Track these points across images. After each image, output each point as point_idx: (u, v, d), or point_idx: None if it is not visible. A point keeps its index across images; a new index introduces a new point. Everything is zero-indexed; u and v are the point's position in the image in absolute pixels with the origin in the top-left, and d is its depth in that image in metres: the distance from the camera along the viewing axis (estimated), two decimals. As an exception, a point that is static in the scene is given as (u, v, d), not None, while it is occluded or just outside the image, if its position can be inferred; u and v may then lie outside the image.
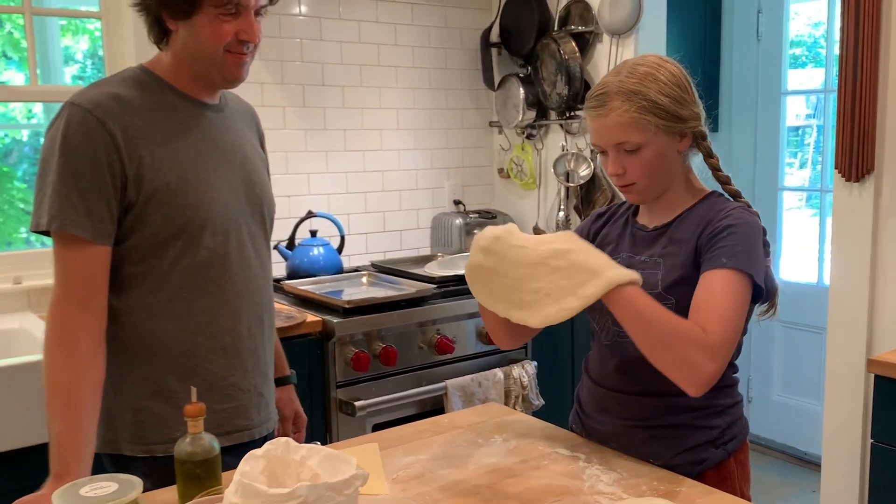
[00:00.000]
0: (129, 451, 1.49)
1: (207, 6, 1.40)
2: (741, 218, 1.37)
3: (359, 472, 0.86)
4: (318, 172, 3.12)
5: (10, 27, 4.62)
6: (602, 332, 1.52)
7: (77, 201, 1.36)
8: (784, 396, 3.83)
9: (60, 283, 1.40)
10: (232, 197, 1.52)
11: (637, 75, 1.38)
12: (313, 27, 3.05)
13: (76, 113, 1.38)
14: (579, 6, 3.12)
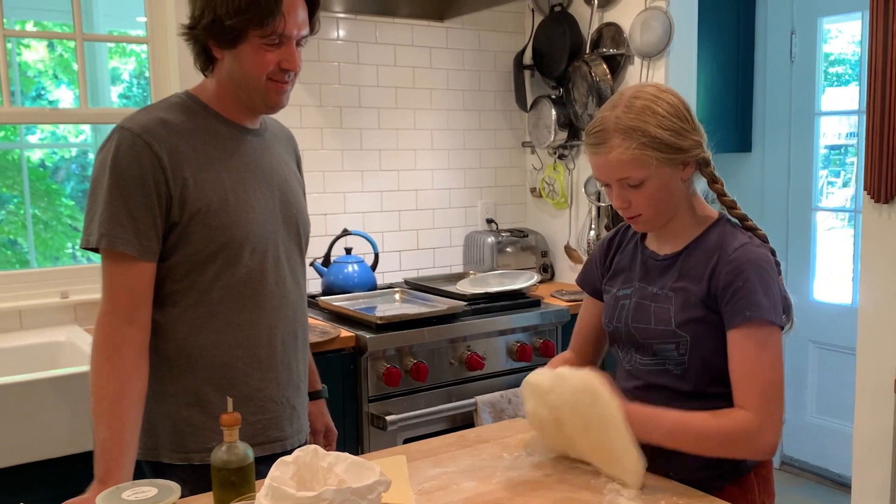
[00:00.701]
0: (168, 459, 1.56)
1: (252, 36, 1.47)
2: (750, 259, 1.39)
3: (382, 479, 0.92)
4: (353, 191, 3.20)
5: (60, 49, 4.81)
6: (624, 359, 1.57)
7: (125, 220, 1.44)
8: (818, 418, 3.81)
9: (108, 298, 1.48)
10: (270, 217, 1.59)
11: (635, 110, 1.39)
12: (351, 51, 3.14)
13: (126, 137, 1.46)
14: (611, 29, 3.17)
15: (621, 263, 1.60)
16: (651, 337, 1.48)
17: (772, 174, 3.89)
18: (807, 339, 3.80)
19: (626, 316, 1.53)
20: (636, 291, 1.53)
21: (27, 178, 4.66)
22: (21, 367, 2.26)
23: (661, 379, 1.49)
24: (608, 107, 1.43)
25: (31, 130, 4.53)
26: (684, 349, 1.44)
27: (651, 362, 1.50)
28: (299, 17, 1.51)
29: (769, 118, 3.88)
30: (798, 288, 3.83)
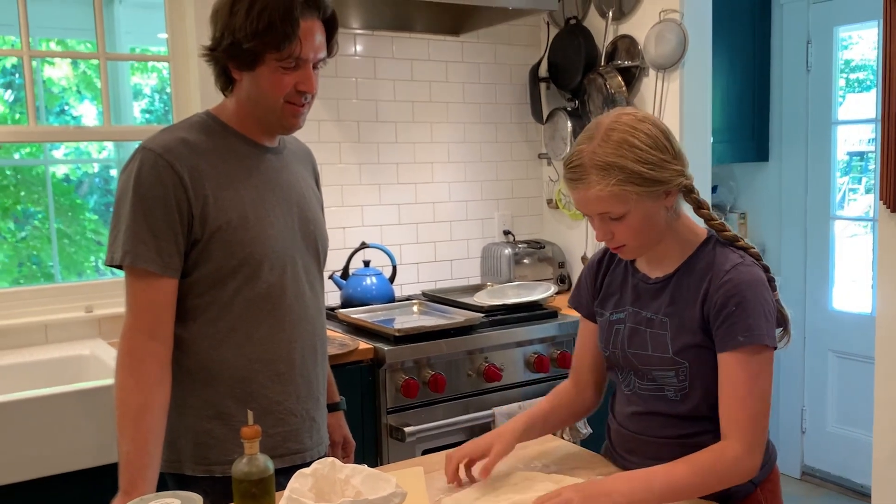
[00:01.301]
0: (190, 471, 1.60)
1: (269, 59, 1.51)
2: (742, 281, 1.39)
3: (398, 491, 0.94)
4: (371, 205, 3.23)
5: (83, 66, 4.89)
6: (623, 383, 1.57)
7: (148, 238, 1.48)
8: (839, 427, 3.79)
9: (131, 313, 1.52)
10: (288, 233, 1.63)
11: (612, 143, 1.36)
12: (368, 67, 3.18)
13: (148, 157, 1.51)
14: (626, 41, 3.19)
15: (612, 285, 1.59)
16: (649, 364, 1.48)
17: (789, 183, 3.89)
18: (827, 349, 3.79)
19: (623, 341, 1.53)
20: (630, 316, 1.52)
21: (52, 194, 4.75)
22: (47, 380, 2.31)
23: (660, 405, 1.50)
24: (584, 138, 1.40)
25: (56, 146, 4.61)
26: (684, 375, 1.45)
27: (650, 387, 1.51)
28: (316, 40, 1.55)
29: (786, 127, 3.88)
30: (817, 297, 3.82)
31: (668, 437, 1.48)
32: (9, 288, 2.80)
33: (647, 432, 1.52)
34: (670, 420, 1.48)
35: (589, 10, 3.34)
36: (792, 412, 3.95)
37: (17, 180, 4.87)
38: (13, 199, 4.84)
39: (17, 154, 4.63)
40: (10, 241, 4.81)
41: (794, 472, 3.94)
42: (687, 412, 1.46)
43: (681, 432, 1.46)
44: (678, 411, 1.47)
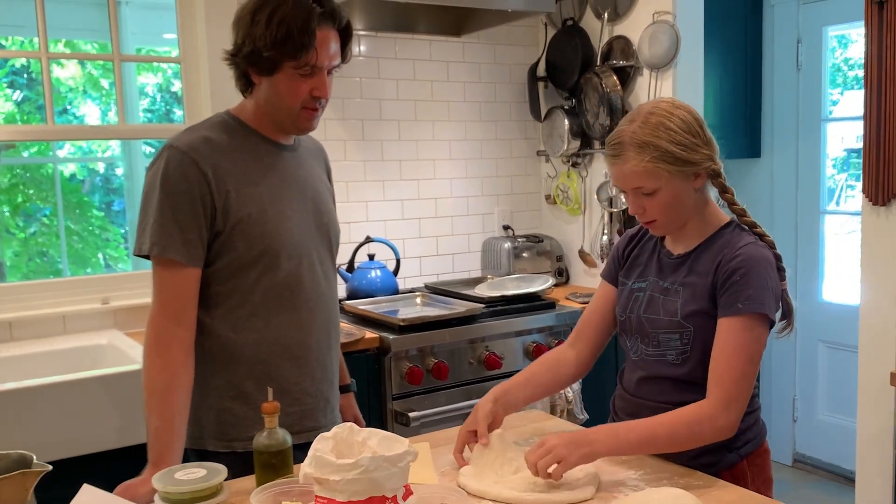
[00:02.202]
0: (212, 447, 1.71)
1: (287, 67, 1.62)
2: (751, 256, 1.52)
3: (410, 450, 1.06)
4: (375, 200, 3.34)
5: (90, 67, 4.99)
6: (631, 350, 1.70)
7: (174, 230, 1.59)
8: (829, 416, 3.90)
9: (158, 301, 1.63)
10: (304, 226, 1.74)
11: (650, 125, 1.51)
12: (372, 67, 3.29)
13: (175, 154, 1.62)
14: (620, 42, 3.30)
15: (639, 258, 1.73)
16: (658, 327, 1.61)
17: (781, 179, 4.01)
18: (816, 339, 3.91)
19: (639, 307, 1.66)
20: (650, 285, 1.66)
21: (60, 191, 4.85)
22: (67, 367, 2.41)
23: (662, 369, 1.62)
24: (626, 121, 1.56)
25: (61, 145, 4.72)
26: (687, 339, 1.57)
27: (654, 352, 1.63)
28: (331, 49, 1.65)
29: (777, 124, 4.00)
30: (807, 290, 3.93)
31: (667, 402, 1.59)
32: (26, 281, 2.91)
33: (649, 397, 1.64)
34: (672, 385, 1.60)
35: (585, 11, 3.45)
36: (783, 401, 4.06)
37: (26, 178, 4.98)
38: (23, 196, 4.95)
39: (25, 153, 4.74)
40: (20, 238, 4.92)
41: (785, 459, 4.06)
42: (685, 376, 1.59)
43: (680, 399, 1.56)
44: (677, 374, 1.59)
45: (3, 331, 2.61)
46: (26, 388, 2.09)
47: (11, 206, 4.82)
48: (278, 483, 1.38)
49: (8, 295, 2.68)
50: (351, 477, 1.02)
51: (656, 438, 1.50)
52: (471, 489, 1.46)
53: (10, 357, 2.48)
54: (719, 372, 1.50)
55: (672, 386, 1.61)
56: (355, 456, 1.04)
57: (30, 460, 1.10)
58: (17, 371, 2.40)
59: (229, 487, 1.46)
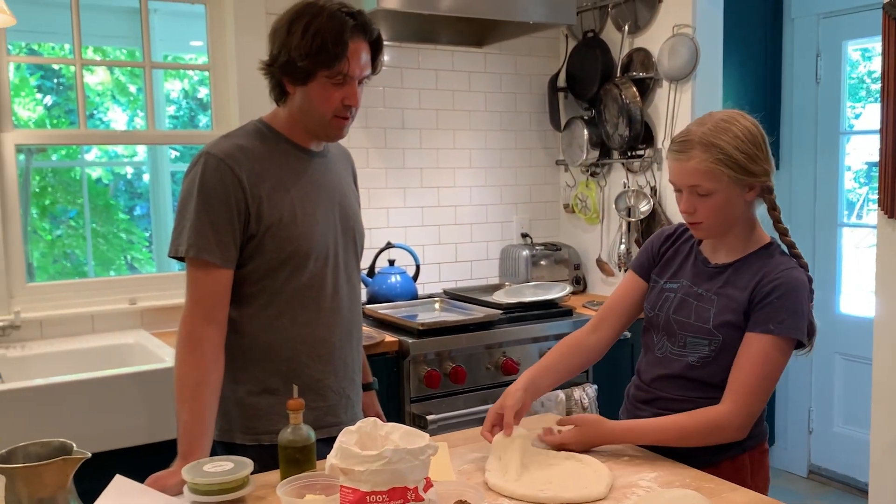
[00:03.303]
0: (240, 440, 1.77)
1: (320, 77, 1.68)
2: (791, 281, 1.58)
3: (431, 444, 1.11)
4: (396, 207, 3.41)
5: (118, 73, 5.10)
6: (657, 346, 1.75)
7: (210, 233, 1.66)
8: (844, 428, 3.91)
9: (192, 300, 1.69)
10: (331, 229, 1.81)
11: (720, 129, 1.57)
12: (395, 76, 3.35)
13: (211, 161, 1.69)
14: (640, 54, 3.35)
15: (674, 258, 1.78)
16: (687, 330, 1.67)
17: (799, 191, 4.03)
18: (833, 352, 3.92)
19: (669, 307, 1.71)
20: (682, 288, 1.71)
21: (87, 195, 4.96)
22: (96, 365, 2.49)
23: (683, 368, 1.68)
24: (697, 123, 1.63)
25: (88, 149, 4.82)
26: (714, 346, 1.63)
27: (679, 351, 1.69)
28: (362, 59, 1.72)
29: (796, 137, 4.02)
30: (824, 302, 3.95)
31: (681, 396, 1.67)
32: (55, 281, 2.99)
33: (664, 389, 1.71)
34: (688, 382, 1.67)
35: (606, 23, 3.50)
36: (799, 412, 4.07)
37: (55, 182, 5.09)
38: (51, 199, 5.06)
39: (54, 156, 4.84)
40: (47, 240, 5.03)
41: (801, 470, 4.07)
42: (702, 377, 1.65)
43: (693, 394, 1.66)
44: (695, 375, 1.66)
45: (34, 329, 2.69)
46: (59, 384, 2.15)
47: (39, 209, 4.93)
48: (303, 476, 1.43)
49: (38, 294, 2.76)
50: (375, 468, 1.07)
51: (668, 439, 1.61)
52: (490, 484, 1.52)
53: (41, 354, 2.56)
54: (741, 382, 1.57)
55: (688, 383, 1.67)
56: (379, 449, 1.09)
57: (70, 448, 1.16)
58: (48, 367, 2.48)
59: (255, 480, 1.51)
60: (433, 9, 2.79)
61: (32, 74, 4.81)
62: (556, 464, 1.61)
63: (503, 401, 1.69)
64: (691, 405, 1.63)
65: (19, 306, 2.68)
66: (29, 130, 3.15)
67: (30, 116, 4.89)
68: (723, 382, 1.62)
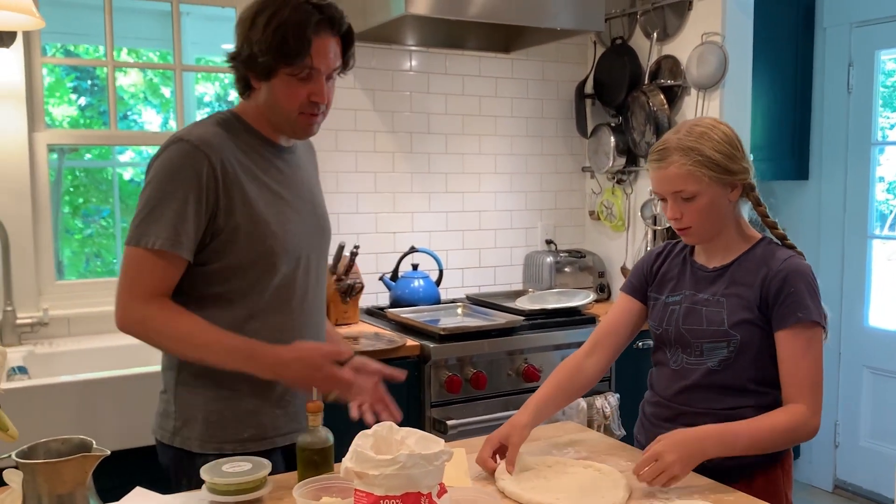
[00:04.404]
0: (198, 449, 1.67)
1: (282, 72, 1.60)
2: (797, 268, 1.61)
3: (445, 449, 1.11)
4: (421, 211, 3.41)
5: (151, 74, 5.17)
6: (672, 360, 1.74)
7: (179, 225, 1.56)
8: (872, 443, 3.85)
9: (138, 285, 1.57)
10: (302, 229, 1.74)
11: (694, 134, 1.62)
12: (422, 81, 3.37)
13: (184, 146, 1.59)
14: (669, 61, 3.33)
15: (669, 273, 1.78)
16: (702, 337, 1.67)
17: (828, 202, 3.98)
18: (861, 365, 3.86)
19: (677, 319, 1.71)
20: (686, 298, 1.71)
21: (118, 194, 5.03)
22: (121, 363, 2.51)
23: (704, 377, 1.66)
24: (672, 131, 1.67)
25: (121, 150, 4.89)
26: (734, 347, 1.63)
27: (696, 361, 1.68)
28: (330, 54, 1.63)
29: (826, 147, 3.97)
30: (853, 314, 3.90)
31: (715, 409, 1.64)
32: (84, 279, 3.03)
33: (690, 404, 1.68)
34: (717, 392, 1.65)
35: (635, 30, 3.49)
36: (825, 426, 3.99)
37: (87, 181, 5.17)
38: (83, 198, 5.14)
39: (87, 155, 4.92)
40: (77, 238, 5.10)
41: (826, 485, 4.01)
42: (728, 383, 1.64)
43: (728, 405, 1.63)
44: (720, 381, 1.65)
45: (62, 326, 2.73)
46: (84, 381, 2.19)
47: (72, 207, 5.01)
48: (319, 479, 1.44)
49: (67, 292, 2.80)
50: (389, 472, 1.07)
51: (762, 443, 1.58)
52: (507, 491, 1.51)
53: (68, 351, 2.60)
54: (797, 380, 1.59)
55: (710, 392, 1.66)
56: (393, 453, 1.09)
57: (90, 445, 1.17)
58: (74, 364, 2.51)
59: (273, 481, 1.52)
60: (461, 14, 2.79)
61: (68, 75, 4.89)
62: (572, 472, 1.61)
63: (509, 435, 1.67)
64: (715, 419, 1.61)
65: (48, 303, 2.72)
66: (61, 130, 3.20)
67: (64, 116, 4.98)
68: (745, 385, 1.63)
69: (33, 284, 2.71)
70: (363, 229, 3.28)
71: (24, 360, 2.46)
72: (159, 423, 1.75)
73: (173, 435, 1.70)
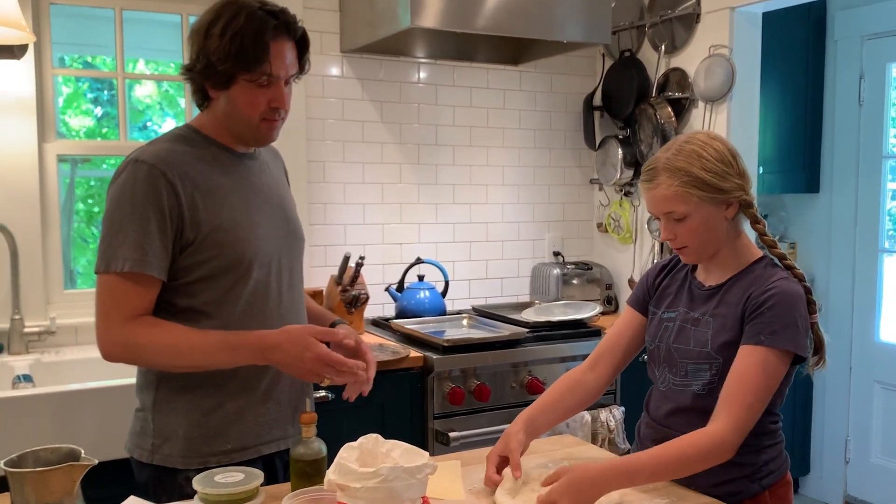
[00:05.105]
0: (182, 465, 1.65)
1: (241, 79, 1.61)
2: (783, 291, 1.54)
3: (429, 462, 1.11)
4: (428, 222, 3.42)
5: (166, 85, 5.23)
6: (659, 380, 1.72)
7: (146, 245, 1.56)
8: (883, 459, 3.81)
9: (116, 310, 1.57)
10: (273, 233, 1.74)
11: (684, 153, 1.58)
12: (430, 93, 3.38)
13: (141, 167, 1.58)
14: (676, 74, 3.33)
15: (669, 288, 1.76)
16: (687, 357, 1.64)
17: (839, 215, 3.95)
18: (872, 380, 3.82)
19: (669, 336, 1.69)
20: (680, 315, 1.69)
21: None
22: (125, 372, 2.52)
23: (689, 400, 1.64)
24: (662, 150, 1.63)
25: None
26: (716, 370, 1.60)
27: (680, 382, 1.66)
28: (287, 59, 1.65)
29: (837, 160, 3.95)
30: (863, 329, 3.86)
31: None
32: (92, 289, 3.05)
33: (677, 427, 1.65)
34: (702, 416, 1.60)
35: (643, 43, 3.49)
36: (836, 442, 3.98)
37: (102, 190, 5.22)
38: (99, 207, 5.19)
39: (105, 165, 4.97)
40: (92, 248, 5.15)
41: (836, 501, 3.96)
42: (711, 406, 1.58)
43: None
44: (703, 405, 1.61)
45: (69, 335, 2.76)
46: (84, 391, 2.21)
47: (87, 216, 5.06)
48: (309, 490, 1.43)
49: (75, 301, 2.84)
50: (371, 485, 1.08)
51: (670, 469, 1.53)
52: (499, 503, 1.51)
53: (74, 360, 2.62)
54: (732, 397, 1.52)
55: (700, 417, 1.61)
56: (378, 465, 1.10)
57: (78, 454, 1.19)
58: (80, 373, 2.54)
59: (265, 492, 1.53)
60: (468, 27, 2.80)
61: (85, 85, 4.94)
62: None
63: (506, 444, 1.66)
64: None
65: (55, 312, 2.75)
66: (71, 141, 3.24)
67: (81, 126, 5.04)
68: None
69: (41, 293, 2.74)
70: (370, 240, 3.29)
71: (31, 368, 2.49)
72: (136, 443, 1.72)
73: (152, 453, 1.68)
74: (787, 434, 1.69)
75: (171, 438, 1.67)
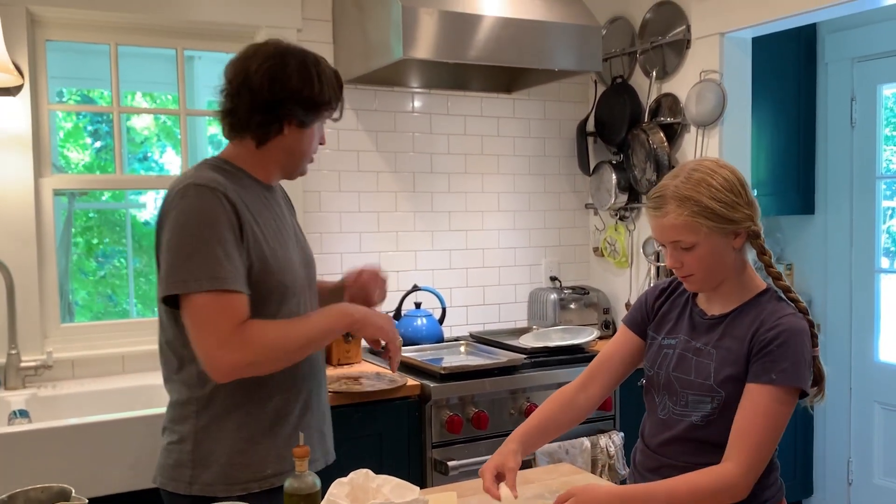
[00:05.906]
0: (223, 493, 1.66)
1: (324, 117, 1.77)
2: (791, 328, 1.54)
3: (420, 498, 1.11)
4: (424, 250, 3.43)
5: (164, 118, 5.26)
6: (659, 407, 1.71)
7: (226, 262, 1.59)
8: (885, 480, 3.79)
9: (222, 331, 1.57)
10: (298, 263, 1.80)
11: (692, 181, 1.55)
12: (424, 122, 3.41)
13: (203, 190, 1.61)
14: (668, 99, 3.35)
15: (669, 313, 1.74)
16: (688, 388, 1.63)
17: (835, 236, 3.96)
18: (872, 401, 3.81)
19: (669, 364, 1.68)
20: (681, 343, 1.67)
21: (130, 235, 5.10)
22: (121, 406, 2.52)
23: (687, 430, 1.63)
24: (670, 176, 1.60)
25: (138, 191, 4.96)
26: (717, 403, 1.59)
27: (680, 411, 1.65)
28: None
29: (831, 181, 3.97)
30: (862, 350, 3.86)
31: (689, 462, 1.60)
32: (94, 322, 3.07)
33: (672, 456, 1.65)
34: (698, 447, 1.60)
35: (634, 69, 3.52)
36: (838, 463, 3.96)
37: (101, 223, 5.25)
38: (98, 239, 5.22)
39: (104, 197, 5.00)
40: (91, 280, 5.17)
41: (826, 520, 3.95)
42: (711, 438, 1.59)
43: (702, 460, 1.57)
44: (701, 436, 1.61)
45: (66, 369, 2.76)
46: (82, 425, 2.20)
47: (86, 248, 5.08)
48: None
49: (72, 335, 2.83)
50: (361, 521, 1.08)
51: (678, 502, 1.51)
52: None
53: (70, 394, 2.62)
54: (743, 437, 1.51)
55: (696, 447, 1.62)
56: (369, 501, 1.10)
57: (69, 494, 1.19)
58: (76, 408, 2.53)
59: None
60: (460, 57, 2.83)
61: (84, 119, 4.99)
62: None
63: (503, 463, 1.65)
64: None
65: (52, 346, 2.75)
66: (67, 175, 3.27)
67: (79, 159, 5.08)
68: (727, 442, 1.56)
69: (38, 327, 2.74)
70: (366, 269, 3.30)
71: (27, 403, 2.49)
72: (170, 475, 1.72)
73: (190, 484, 1.69)
74: (788, 456, 1.70)
75: (212, 466, 1.69)
